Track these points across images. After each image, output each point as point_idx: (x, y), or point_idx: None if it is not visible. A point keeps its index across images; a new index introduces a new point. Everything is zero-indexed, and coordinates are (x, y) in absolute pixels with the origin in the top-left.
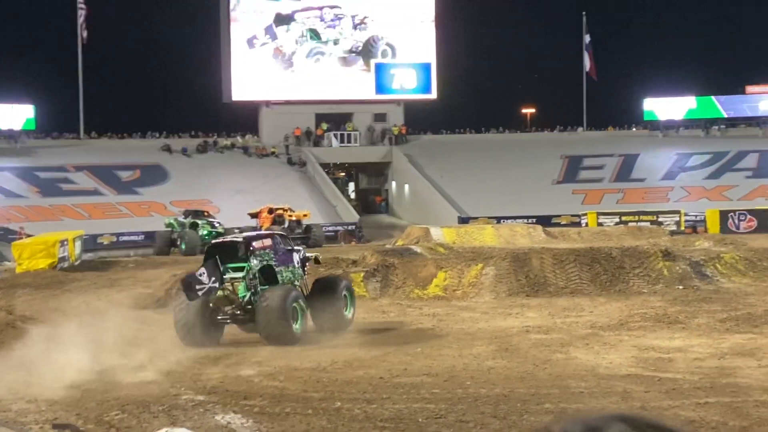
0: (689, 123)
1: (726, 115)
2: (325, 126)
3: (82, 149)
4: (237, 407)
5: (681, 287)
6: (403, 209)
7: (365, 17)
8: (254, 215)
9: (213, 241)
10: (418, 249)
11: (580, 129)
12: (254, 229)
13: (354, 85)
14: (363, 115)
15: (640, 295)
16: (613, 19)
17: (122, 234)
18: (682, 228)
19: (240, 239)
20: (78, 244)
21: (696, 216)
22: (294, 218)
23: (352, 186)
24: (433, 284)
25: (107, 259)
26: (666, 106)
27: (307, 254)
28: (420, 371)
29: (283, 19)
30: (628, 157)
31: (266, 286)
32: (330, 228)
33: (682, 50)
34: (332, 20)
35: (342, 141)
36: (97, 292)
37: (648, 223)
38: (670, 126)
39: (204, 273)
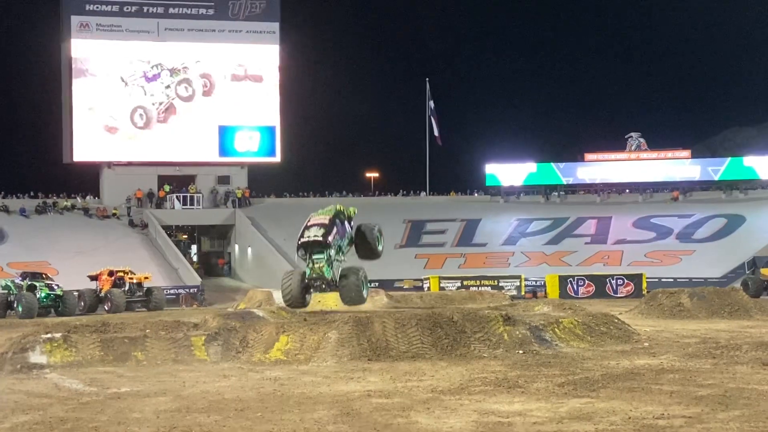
0: (530, 189)
1: (565, 182)
2: (167, 188)
3: None
4: None
5: (521, 352)
6: (246, 272)
7: (208, 77)
8: (94, 277)
9: (302, 240)
10: (260, 313)
11: (423, 193)
12: (93, 291)
13: (197, 147)
14: (206, 177)
15: (481, 360)
16: (457, 86)
17: None
18: (523, 293)
19: (321, 239)
20: None
21: (536, 281)
22: (135, 281)
23: (194, 248)
24: (275, 348)
25: None
26: (507, 172)
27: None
28: None
29: (125, 79)
30: (470, 221)
31: (343, 261)
32: (172, 291)
33: (523, 117)
34: (173, 84)
35: (185, 203)
36: None
37: (489, 288)
38: (511, 192)
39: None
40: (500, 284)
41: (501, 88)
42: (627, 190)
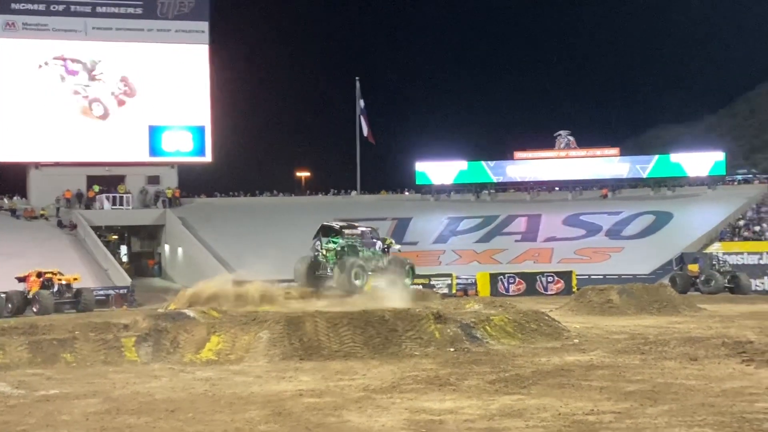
0: (460, 187)
1: (495, 180)
2: (96, 188)
3: None
4: None
5: (452, 349)
6: (177, 272)
7: (137, 76)
8: (22, 279)
9: (323, 223)
10: (191, 313)
11: (353, 192)
12: (21, 293)
13: (127, 146)
14: (136, 178)
15: (413, 358)
16: (387, 85)
17: None
18: (454, 291)
19: (337, 226)
20: None
21: (467, 279)
22: (64, 282)
23: (124, 249)
24: (206, 348)
25: None
26: (438, 170)
27: (394, 247)
28: None
29: (52, 78)
30: (401, 220)
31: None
32: (101, 292)
33: (454, 116)
34: (102, 84)
35: (114, 203)
36: None
37: (420, 287)
38: (441, 190)
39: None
40: (432, 283)
41: (431, 86)
42: (557, 188)
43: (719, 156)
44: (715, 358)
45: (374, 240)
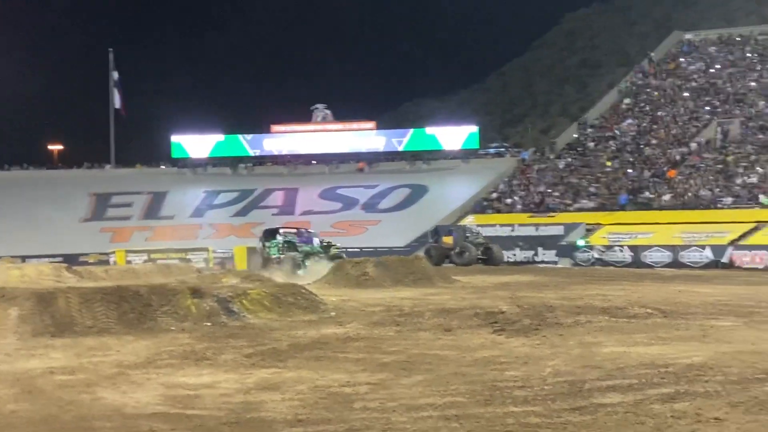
0: (217, 161)
1: (252, 154)
2: None
3: None
4: None
5: (209, 324)
6: None
7: None
8: None
9: (265, 228)
10: None
11: (108, 166)
12: None
13: None
14: None
15: (169, 333)
16: (142, 57)
17: None
18: (211, 265)
19: (274, 227)
20: None
21: (225, 253)
22: None
23: None
24: None
25: None
26: (194, 143)
27: (333, 244)
28: None
29: None
30: (157, 194)
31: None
32: None
33: (210, 89)
34: None
35: None
36: None
37: (177, 261)
38: (198, 164)
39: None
40: (188, 257)
41: (187, 58)
42: (314, 162)
43: (473, 129)
44: (468, 329)
45: (312, 238)
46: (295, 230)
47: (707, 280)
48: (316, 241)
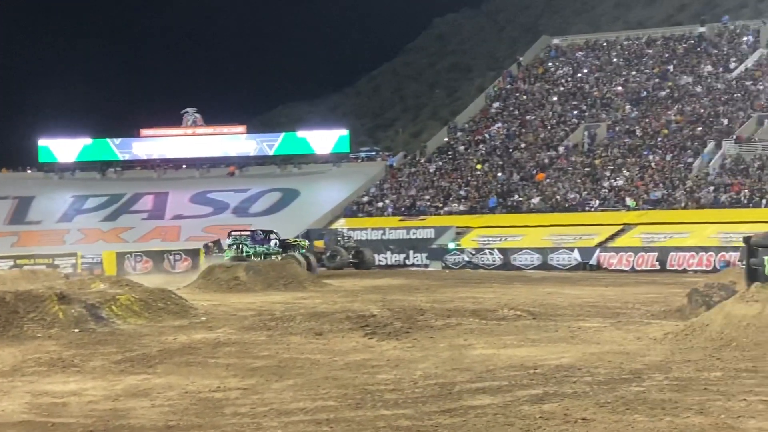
0: (86, 165)
1: (121, 157)
2: None
3: None
4: None
5: (77, 330)
6: None
7: None
8: None
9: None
10: None
11: None
12: None
13: None
14: None
15: (35, 340)
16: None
17: None
18: (79, 270)
19: (229, 232)
20: None
21: (93, 258)
22: None
23: None
24: None
25: None
26: (62, 147)
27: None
28: None
29: None
30: (23, 199)
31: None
32: None
33: (78, 92)
34: None
35: None
36: None
37: (44, 266)
38: (66, 168)
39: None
40: (56, 263)
41: (54, 60)
42: (184, 166)
43: (343, 132)
44: (339, 332)
45: (267, 239)
46: (249, 232)
47: (575, 282)
48: (272, 242)
